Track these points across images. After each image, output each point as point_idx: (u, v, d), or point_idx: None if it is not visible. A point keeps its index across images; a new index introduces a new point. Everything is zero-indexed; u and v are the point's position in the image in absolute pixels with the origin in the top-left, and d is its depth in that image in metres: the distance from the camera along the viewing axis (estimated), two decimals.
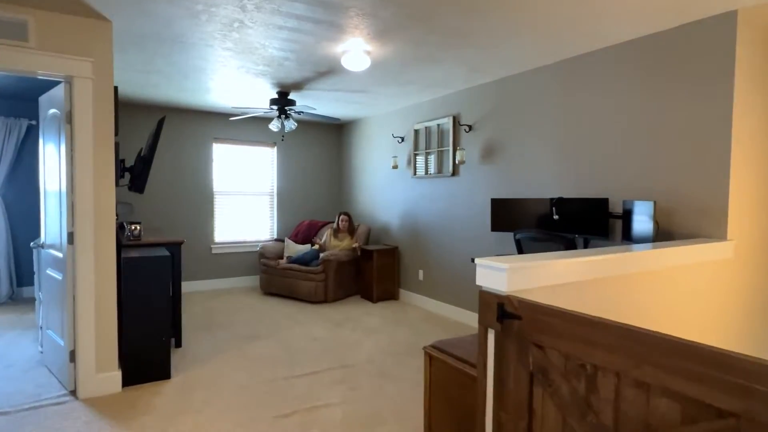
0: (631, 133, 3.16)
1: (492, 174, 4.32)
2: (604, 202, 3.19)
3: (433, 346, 2.24)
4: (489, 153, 4.35)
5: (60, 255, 3.02)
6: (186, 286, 5.97)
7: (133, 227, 3.65)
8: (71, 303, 2.89)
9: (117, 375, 2.97)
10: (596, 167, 3.39)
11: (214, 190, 6.21)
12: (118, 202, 4.35)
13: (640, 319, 2.15)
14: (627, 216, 3.04)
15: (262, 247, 5.89)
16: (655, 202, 2.65)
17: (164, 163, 5.84)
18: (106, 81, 2.88)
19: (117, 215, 5.29)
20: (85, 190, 2.83)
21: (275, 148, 6.63)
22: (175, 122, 5.89)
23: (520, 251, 3.22)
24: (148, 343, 3.08)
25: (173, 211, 5.92)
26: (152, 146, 3.78)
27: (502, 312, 1.67)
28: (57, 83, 2.96)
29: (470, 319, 4.55)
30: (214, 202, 6.21)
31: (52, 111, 3.09)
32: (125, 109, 5.57)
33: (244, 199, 6.47)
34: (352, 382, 3.17)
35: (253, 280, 6.45)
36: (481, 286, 1.78)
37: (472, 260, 3.95)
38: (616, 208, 3.23)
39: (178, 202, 5.95)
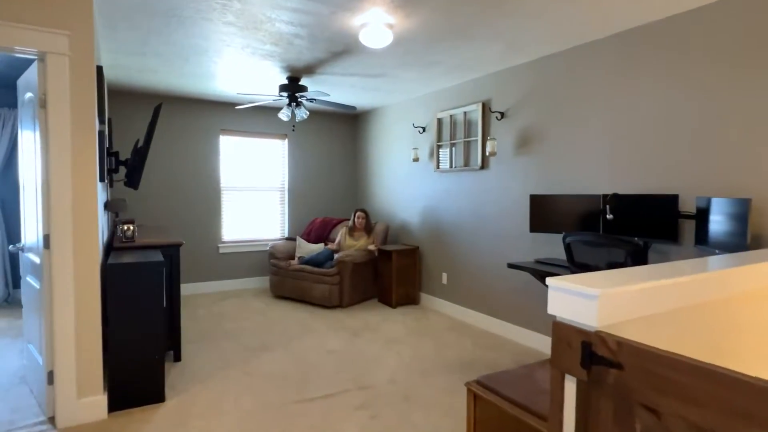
0: (708, 118, 2.64)
1: (528, 167, 3.82)
2: (673, 199, 2.68)
3: (479, 383, 1.78)
4: (524, 143, 3.85)
5: (38, 260, 2.62)
6: (191, 288, 5.60)
7: (126, 227, 3.25)
8: (49, 317, 2.49)
9: (102, 399, 2.57)
10: (660, 159, 2.88)
11: (222, 185, 5.80)
12: (112, 199, 3.97)
13: (747, 360, 1.66)
14: (702, 216, 2.53)
15: (273, 247, 5.47)
16: (750, 200, 2.14)
17: (168, 156, 5.45)
18: (85, 58, 2.46)
19: (116, 214, 4.93)
20: (62, 187, 2.42)
21: (286, 140, 6.20)
22: (178, 112, 5.49)
23: (570, 258, 2.73)
24: (138, 362, 2.68)
25: (178, 208, 5.53)
26: (147, 137, 3.37)
27: (590, 355, 1.21)
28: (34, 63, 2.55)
29: (502, 330, 4.08)
30: (222, 198, 5.81)
31: (29, 95, 2.69)
32: (122, 97, 5.18)
33: (254, 194, 6.06)
34: (373, 407, 2.73)
35: (263, 281, 6.05)
36: (555, 316, 1.32)
37: (509, 266, 3.48)
38: (685, 206, 2.72)
39: (184, 198, 5.56)
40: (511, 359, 3.52)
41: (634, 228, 2.89)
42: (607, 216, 2.94)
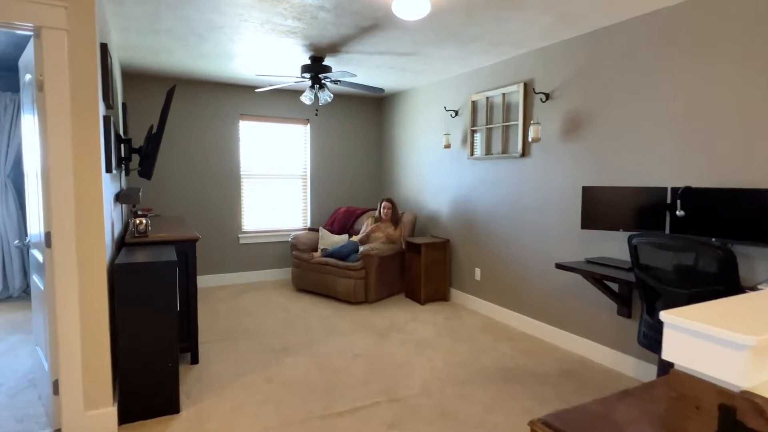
0: None
1: (577, 155, 3.43)
2: (763, 194, 2.28)
3: (546, 424, 1.45)
4: (573, 128, 3.45)
5: (41, 258, 2.40)
6: (211, 280, 5.41)
7: (138, 221, 3.01)
8: (52, 321, 2.27)
9: (111, 412, 2.35)
10: (744, 147, 2.46)
11: (242, 172, 5.55)
12: (125, 189, 3.75)
13: None
14: None
15: (294, 238, 5.21)
16: None
17: (186, 143, 5.21)
18: (86, 33, 2.18)
19: (134, 205, 4.73)
20: (62, 179, 2.17)
21: (309, 124, 5.90)
22: (196, 96, 5.23)
23: (637, 262, 2.36)
24: (150, 370, 2.45)
25: (197, 196, 5.31)
26: (160, 122, 3.11)
27: (735, 426, 0.87)
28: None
29: (543, 333, 3.74)
30: (242, 186, 5.57)
31: (28, 77, 2.44)
32: (138, 81, 4.94)
33: (275, 182, 5.80)
34: (406, 425, 2.45)
35: (285, 273, 5.83)
36: (674, 363, 0.98)
37: (557, 266, 3.12)
38: None
39: (203, 186, 5.34)
40: (556, 368, 3.19)
41: (710, 227, 2.49)
42: (678, 212, 2.55)
